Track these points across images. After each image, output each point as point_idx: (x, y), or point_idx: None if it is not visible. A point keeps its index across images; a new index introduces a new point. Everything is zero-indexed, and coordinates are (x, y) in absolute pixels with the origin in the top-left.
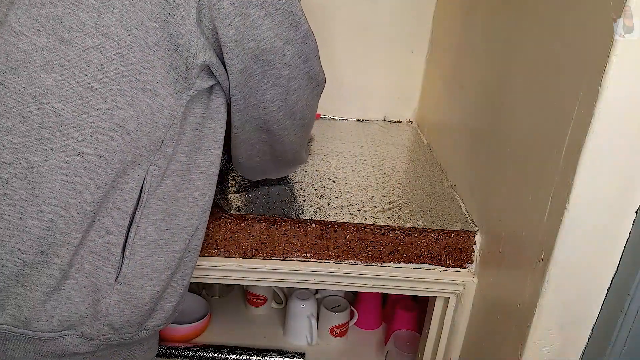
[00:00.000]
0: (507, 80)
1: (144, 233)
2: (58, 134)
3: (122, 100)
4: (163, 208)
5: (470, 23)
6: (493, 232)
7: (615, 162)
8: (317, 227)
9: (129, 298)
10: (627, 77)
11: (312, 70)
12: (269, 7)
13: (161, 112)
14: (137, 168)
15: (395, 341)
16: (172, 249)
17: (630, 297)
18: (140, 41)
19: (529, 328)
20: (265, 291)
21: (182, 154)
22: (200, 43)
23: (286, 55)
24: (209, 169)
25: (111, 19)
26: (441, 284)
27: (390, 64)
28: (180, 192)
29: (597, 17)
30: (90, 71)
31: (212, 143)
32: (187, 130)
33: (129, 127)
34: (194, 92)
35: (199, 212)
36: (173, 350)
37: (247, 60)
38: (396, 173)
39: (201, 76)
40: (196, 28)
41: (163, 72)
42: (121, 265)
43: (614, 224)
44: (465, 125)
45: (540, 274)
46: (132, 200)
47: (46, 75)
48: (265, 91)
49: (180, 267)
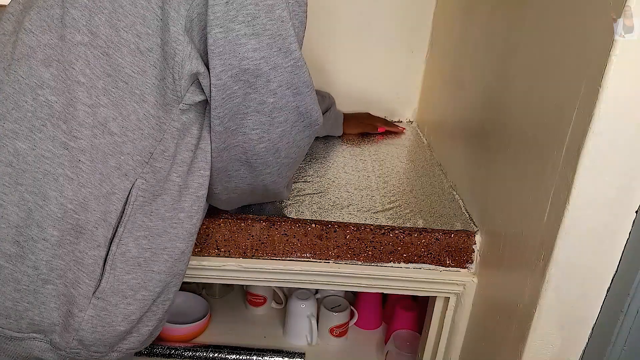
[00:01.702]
0: (507, 80)
1: (125, 248)
2: (48, 125)
3: (106, 99)
4: (148, 225)
5: (470, 23)
6: (493, 232)
7: (615, 162)
8: (317, 227)
9: (104, 315)
10: (627, 77)
11: (304, 106)
12: (257, 27)
13: (148, 120)
14: (123, 178)
15: (395, 341)
16: (149, 268)
17: (630, 297)
18: (130, 44)
19: (529, 328)
20: (265, 291)
21: (176, 174)
22: (186, 52)
23: (272, 82)
24: (197, 190)
25: (101, 18)
26: (441, 284)
27: (390, 64)
28: (168, 212)
29: (597, 17)
30: (78, 65)
31: (202, 164)
32: (182, 150)
33: (111, 128)
34: (185, 106)
35: (185, 235)
36: (173, 350)
37: (225, 78)
38: (396, 173)
39: (191, 89)
40: (182, 36)
41: (154, 80)
42: (101, 279)
43: (614, 224)
44: (465, 125)
45: (540, 274)
46: (116, 211)
47: (45, 69)
48: (246, 115)
49: (164, 292)
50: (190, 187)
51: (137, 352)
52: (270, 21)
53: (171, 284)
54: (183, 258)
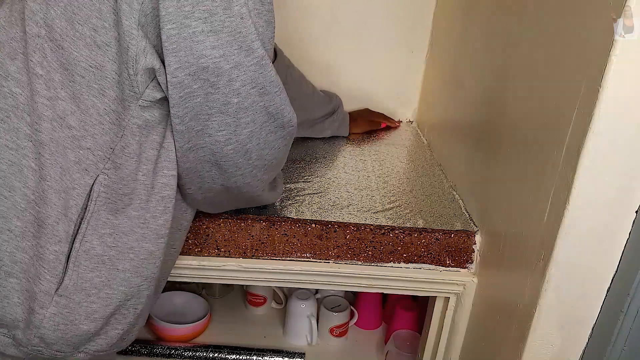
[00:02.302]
0: (507, 80)
1: (89, 245)
2: (12, 117)
3: (64, 92)
4: (114, 223)
5: (470, 23)
6: (493, 232)
7: (615, 162)
8: (317, 227)
9: (66, 313)
10: (627, 77)
11: (273, 107)
12: (215, 23)
13: (109, 115)
14: (83, 173)
15: (395, 341)
16: (114, 266)
17: (630, 297)
18: (86, 38)
19: (529, 328)
20: (265, 291)
21: (142, 172)
22: (140, 46)
23: (234, 81)
24: (161, 190)
25: (56, 11)
26: (441, 284)
27: (390, 64)
28: (135, 211)
29: (597, 17)
30: (36, 58)
31: (166, 163)
32: (147, 148)
33: (70, 122)
34: (146, 103)
35: (152, 235)
36: (173, 350)
37: (182, 75)
38: (396, 173)
39: (152, 86)
40: (136, 31)
41: (114, 74)
42: (64, 276)
43: (614, 224)
44: (465, 125)
45: (540, 274)
46: (77, 207)
47: (10, 62)
48: (210, 117)
49: (134, 295)
50: (155, 187)
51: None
52: (228, 18)
53: (142, 287)
54: (152, 260)
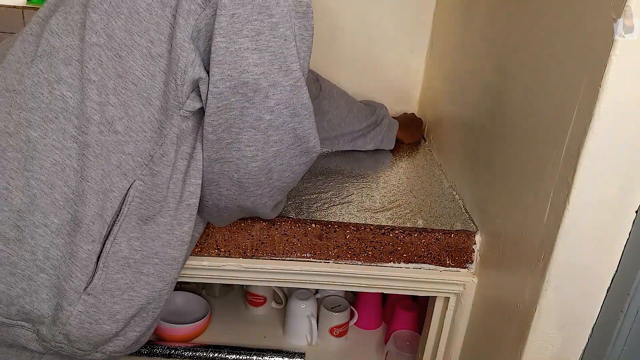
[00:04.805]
0: (507, 81)
1: (118, 248)
2: (61, 118)
3: (115, 98)
4: (142, 228)
5: (470, 23)
6: (493, 232)
7: (615, 162)
8: (317, 227)
9: (92, 312)
10: (627, 77)
11: (301, 129)
12: (260, 42)
13: (152, 123)
14: (122, 177)
15: (395, 341)
16: (138, 270)
17: (630, 297)
18: (142, 49)
19: (529, 328)
20: (265, 291)
21: (173, 180)
22: (190, 58)
23: (270, 99)
24: (188, 198)
25: (117, 23)
26: (441, 284)
27: (390, 64)
28: (163, 217)
29: (597, 17)
30: (91, 64)
31: (194, 172)
32: (179, 157)
33: (117, 127)
34: (185, 113)
35: (177, 242)
36: (173, 350)
37: (222, 87)
38: (396, 173)
39: (192, 96)
40: (188, 44)
41: (162, 85)
42: (93, 275)
43: (614, 224)
44: (465, 125)
45: (540, 274)
46: (112, 209)
47: (64, 67)
48: (242, 130)
49: (154, 299)
50: (183, 195)
51: (127, 354)
52: (274, 38)
53: (163, 291)
54: (175, 265)
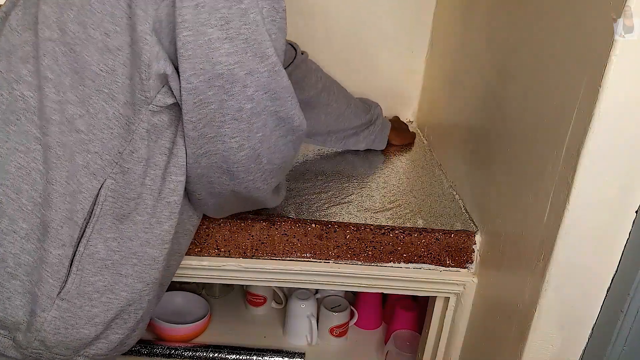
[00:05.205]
0: (507, 80)
1: (94, 249)
2: (23, 119)
3: (73, 96)
4: (119, 228)
5: (470, 23)
6: (493, 232)
7: (615, 162)
8: (317, 227)
9: (67, 317)
10: (627, 77)
11: (284, 111)
12: (231, 31)
13: (118, 119)
14: (91, 177)
15: (395, 341)
16: (117, 271)
17: (630, 297)
18: (97, 42)
19: (529, 328)
20: (265, 291)
21: (149, 177)
22: (153, 52)
23: (248, 87)
24: (168, 196)
25: (69, 15)
26: (441, 284)
27: (390, 64)
28: (141, 216)
29: (597, 17)
30: (46, 61)
31: (175, 169)
32: (156, 153)
33: (78, 126)
34: (156, 108)
35: (156, 241)
36: (173, 350)
37: (196, 82)
38: (396, 173)
39: (163, 91)
40: (150, 36)
41: (125, 79)
42: (66, 279)
43: (614, 224)
44: (465, 125)
45: (540, 274)
46: (83, 210)
47: (23, 66)
48: (224, 124)
49: (135, 300)
50: (162, 192)
51: (114, 356)
52: (244, 25)
53: (144, 292)
54: (155, 265)
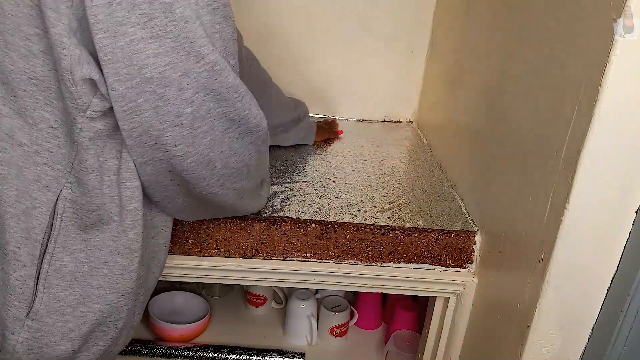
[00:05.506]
0: (507, 80)
1: (60, 264)
2: None
3: (7, 108)
4: (85, 238)
5: (470, 23)
6: (493, 232)
7: (615, 162)
8: (317, 227)
9: (40, 336)
10: (627, 77)
11: (234, 112)
12: (156, 29)
13: (62, 126)
14: (45, 191)
15: (395, 341)
16: (88, 283)
17: (630, 297)
18: (19, 48)
19: (529, 328)
20: (265, 291)
21: (107, 184)
22: (74, 56)
23: (185, 90)
24: (127, 203)
25: None
26: (441, 284)
27: (390, 64)
28: (106, 224)
29: (597, 17)
30: None
31: (127, 174)
32: (107, 158)
33: (20, 139)
34: (95, 114)
35: (124, 250)
36: (173, 350)
37: (122, 89)
38: (396, 173)
39: (99, 94)
40: (67, 39)
41: (58, 84)
42: (34, 299)
43: (614, 224)
44: (465, 125)
45: (540, 274)
46: (41, 226)
47: None
48: (164, 131)
49: (113, 312)
50: (122, 199)
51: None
52: (171, 22)
53: (119, 303)
54: (127, 275)
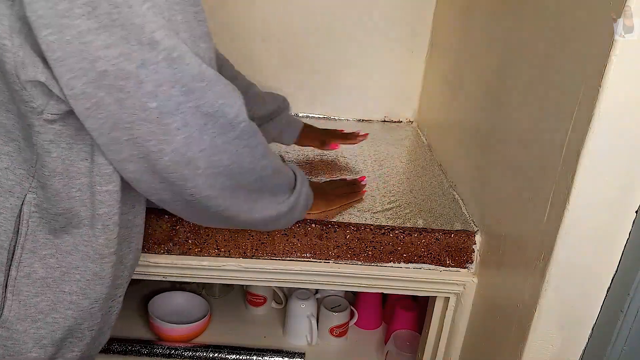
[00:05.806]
0: (507, 80)
1: (29, 270)
2: None
3: None
4: (55, 242)
5: (470, 23)
6: (493, 232)
7: (615, 162)
8: (317, 227)
9: (10, 344)
10: (627, 77)
11: (207, 105)
12: (101, 17)
13: (19, 130)
14: (7, 196)
15: (395, 341)
16: (60, 289)
17: (630, 297)
18: None
19: (529, 328)
20: (265, 291)
21: (75, 188)
22: (17, 59)
23: (145, 83)
24: (97, 208)
25: None
26: (441, 284)
27: (390, 64)
28: (76, 228)
29: (597, 17)
30: None
31: (98, 178)
32: (75, 160)
33: None
34: (52, 116)
35: (94, 255)
36: (173, 350)
37: (81, 86)
38: (396, 173)
39: (55, 97)
40: (8, 41)
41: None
42: (3, 307)
43: (614, 224)
44: (465, 125)
45: (540, 274)
46: (6, 232)
47: None
48: (133, 124)
49: (86, 319)
50: (94, 203)
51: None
52: (115, 9)
53: (93, 309)
54: (99, 281)
